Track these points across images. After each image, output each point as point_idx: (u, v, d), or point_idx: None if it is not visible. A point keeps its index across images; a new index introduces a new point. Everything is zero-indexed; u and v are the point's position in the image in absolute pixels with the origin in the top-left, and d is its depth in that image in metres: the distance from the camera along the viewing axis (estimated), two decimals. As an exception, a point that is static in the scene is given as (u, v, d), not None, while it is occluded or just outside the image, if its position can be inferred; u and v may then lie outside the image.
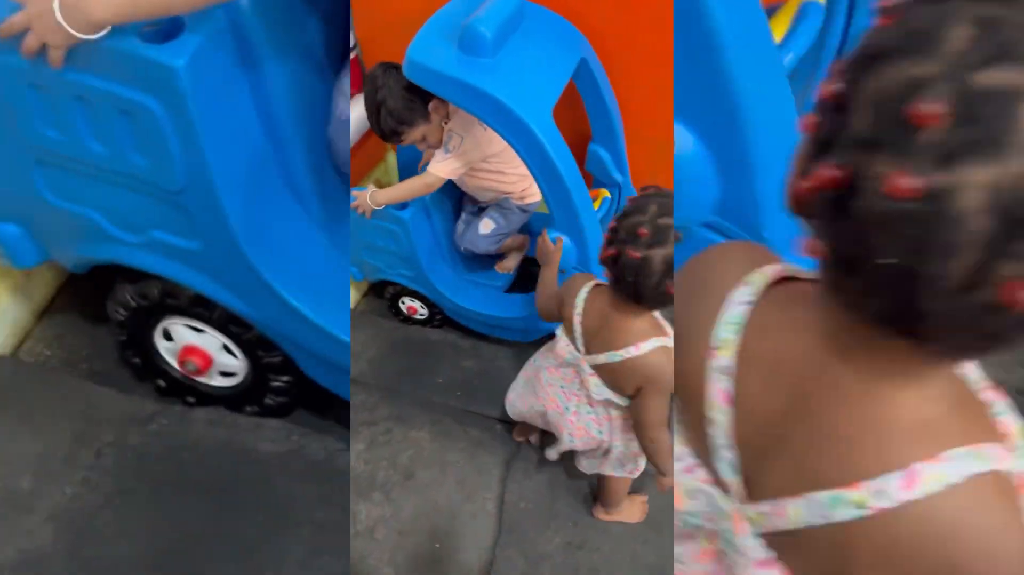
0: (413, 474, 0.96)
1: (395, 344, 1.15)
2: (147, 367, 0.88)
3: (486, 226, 1.06)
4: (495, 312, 1.06)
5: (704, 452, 0.36)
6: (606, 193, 1.02)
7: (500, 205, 1.06)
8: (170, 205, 0.69)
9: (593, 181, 1.02)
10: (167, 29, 0.60)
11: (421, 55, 0.77)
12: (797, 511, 0.31)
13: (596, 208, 0.94)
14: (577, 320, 0.69)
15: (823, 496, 0.30)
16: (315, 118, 0.79)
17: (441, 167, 0.94)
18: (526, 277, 1.15)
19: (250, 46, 0.66)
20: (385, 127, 0.91)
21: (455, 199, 1.10)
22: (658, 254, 0.58)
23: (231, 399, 0.87)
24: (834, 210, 0.25)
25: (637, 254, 0.58)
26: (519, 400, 0.86)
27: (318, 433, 0.82)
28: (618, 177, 1.02)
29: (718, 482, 0.36)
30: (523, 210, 1.07)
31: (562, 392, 0.77)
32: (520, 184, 1.03)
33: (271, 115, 0.70)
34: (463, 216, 1.10)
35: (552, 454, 0.85)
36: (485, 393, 1.07)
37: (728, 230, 0.79)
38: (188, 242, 0.72)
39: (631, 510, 0.90)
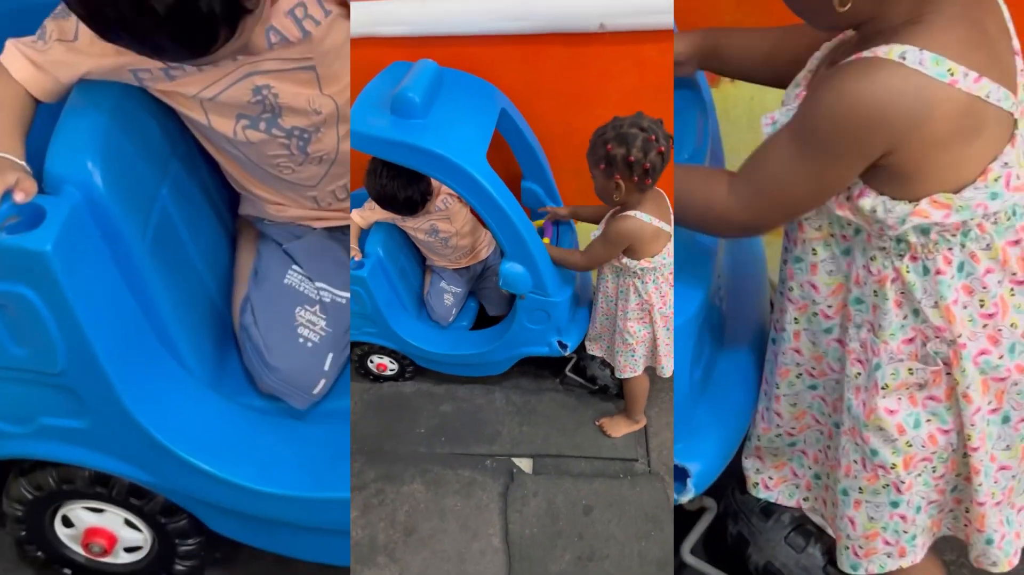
0: (414, 529, 0.96)
1: (369, 404, 1.15)
2: (50, 559, 0.88)
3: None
4: (464, 351, 1.10)
5: None
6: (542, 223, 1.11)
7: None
8: (54, 388, 0.70)
9: (531, 214, 1.11)
10: (28, 219, 0.63)
11: (360, 125, 0.84)
12: None
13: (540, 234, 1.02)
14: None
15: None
16: (186, 277, 0.83)
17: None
18: (487, 315, 1.21)
19: (108, 218, 0.70)
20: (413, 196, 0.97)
21: (406, 252, 1.15)
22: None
23: (140, 574, 0.88)
24: None
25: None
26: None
27: None
28: (552, 206, 1.11)
29: None
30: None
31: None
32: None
33: (138, 282, 0.74)
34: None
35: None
36: (468, 433, 1.09)
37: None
38: (78, 421, 0.73)
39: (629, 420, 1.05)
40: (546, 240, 1.05)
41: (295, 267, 0.90)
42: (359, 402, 1.16)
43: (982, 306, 0.62)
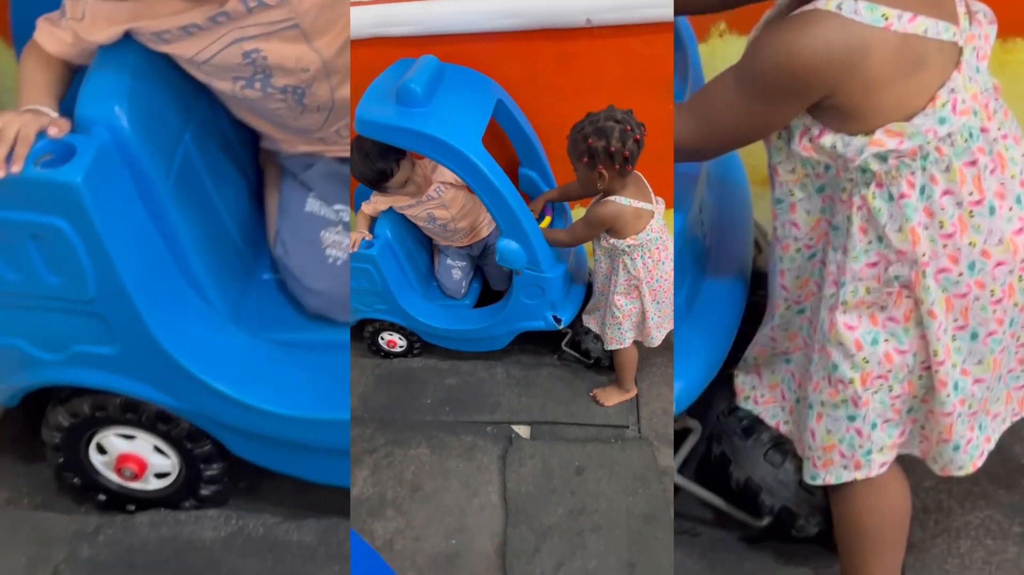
0: (420, 486, 1.04)
1: (380, 378, 1.24)
2: (86, 486, 0.94)
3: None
4: (468, 326, 1.18)
5: None
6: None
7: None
8: (86, 316, 0.76)
9: (529, 198, 1.19)
10: (60, 156, 0.70)
11: (368, 114, 0.94)
12: None
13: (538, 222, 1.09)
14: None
15: None
16: (207, 217, 0.88)
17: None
18: (489, 293, 1.29)
19: (134, 158, 0.76)
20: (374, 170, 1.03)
21: (413, 236, 1.24)
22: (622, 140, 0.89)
23: (169, 499, 0.94)
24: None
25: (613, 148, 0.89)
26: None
27: (255, 512, 0.92)
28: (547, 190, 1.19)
29: None
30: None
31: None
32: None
33: (162, 219, 0.80)
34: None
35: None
36: (471, 403, 1.17)
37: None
38: (109, 348, 0.79)
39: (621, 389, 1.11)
40: (545, 221, 1.12)
41: (312, 194, 0.98)
42: (371, 376, 1.24)
43: (941, 227, 0.67)
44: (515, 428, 1.13)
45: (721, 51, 1.18)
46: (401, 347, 1.25)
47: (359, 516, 0.98)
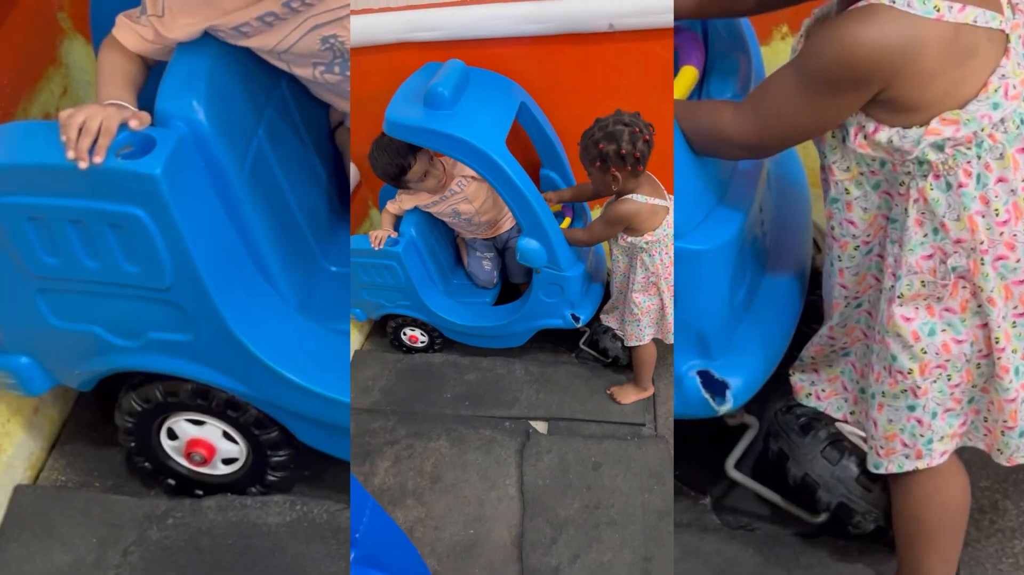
0: (439, 477, 1.07)
1: (402, 372, 1.27)
2: (156, 470, 0.97)
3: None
4: (488, 323, 1.21)
5: None
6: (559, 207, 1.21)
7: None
8: (161, 303, 0.78)
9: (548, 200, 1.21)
10: (140, 148, 0.72)
11: (397, 115, 0.98)
12: None
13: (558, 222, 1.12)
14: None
15: None
16: (279, 210, 0.91)
17: None
18: (508, 291, 1.32)
19: (210, 151, 0.78)
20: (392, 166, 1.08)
21: (436, 235, 1.27)
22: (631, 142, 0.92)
23: (236, 484, 0.96)
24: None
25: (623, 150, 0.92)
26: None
27: (319, 499, 0.94)
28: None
29: None
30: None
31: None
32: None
33: (236, 210, 0.82)
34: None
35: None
36: (490, 399, 1.19)
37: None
38: (183, 335, 0.81)
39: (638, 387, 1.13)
40: (566, 222, 1.15)
41: None
42: (393, 370, 1.28)
43: (997, 215, 0.68)
44: (533, 423, 1.15)
45: (784, 53, 1.15)
46: (423, 343, 1.29)
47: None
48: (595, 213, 1.21)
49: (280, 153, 0.93)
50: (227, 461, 0.94)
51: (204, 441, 0.91)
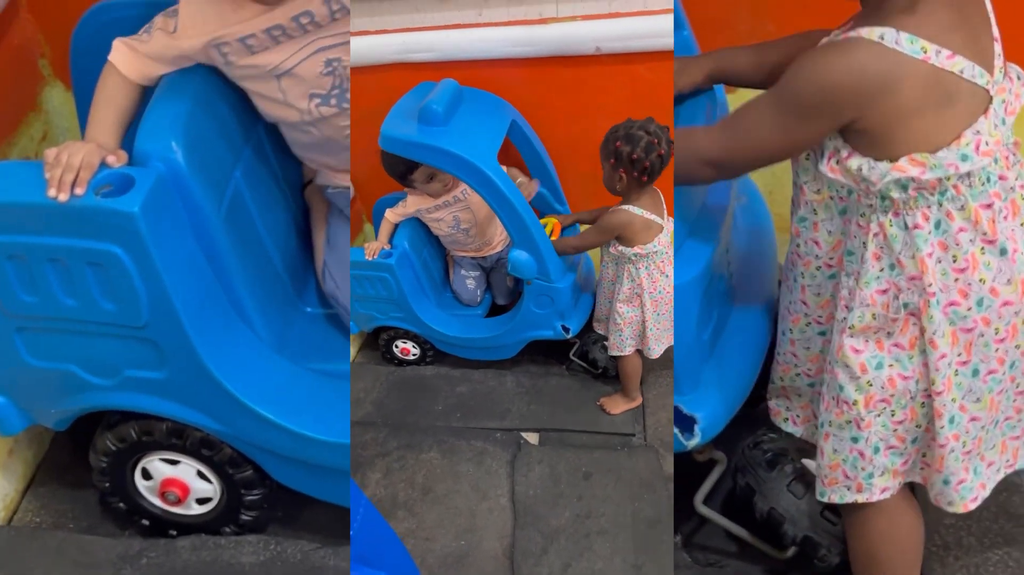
0: (430, 489, 1.07)
1: (394, 385, 1.28)
2: (130, 510, 0.96)
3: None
4: (479, 334, 1.23)
5: None
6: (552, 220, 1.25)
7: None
8: (138, 341, 0.78)
9: (539, 214, 1.25)
10: (119, 187, 0.73)
11: (392, 130, 1.01)
12: None
13: (548, 232, 1.15)
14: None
15: None
16: (255, 250, 0.92)
17: None
18: (499, 307, 1.33)
19: (187, 191, 0.79)
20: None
21: (429, 248, 1.30)
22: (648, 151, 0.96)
23: (210, 524, 0.96)
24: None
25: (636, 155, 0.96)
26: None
27: (293, 538, 0.94)
28: (558, 207, 1.26)
29: None
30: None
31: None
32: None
33: (213, 250, 0.83)
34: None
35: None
36: (481, 410, 1.20)
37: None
38: (158, 373, 0.81)
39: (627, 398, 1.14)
40: (550, 225, 1.17)
41: None
42: (385, 382, 1.29)
43: (954, 261, 0.69)
44: (524, 435, 1.16)
45: (747, 99, 1.21)
46: (414, 355, 1.30)
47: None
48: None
49: (257, 194, 0.95)
50: (201, 501, 0.94)
51: (178, 480, 0.91)
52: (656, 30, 1.04)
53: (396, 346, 1.29)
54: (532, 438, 1.15)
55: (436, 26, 1.13)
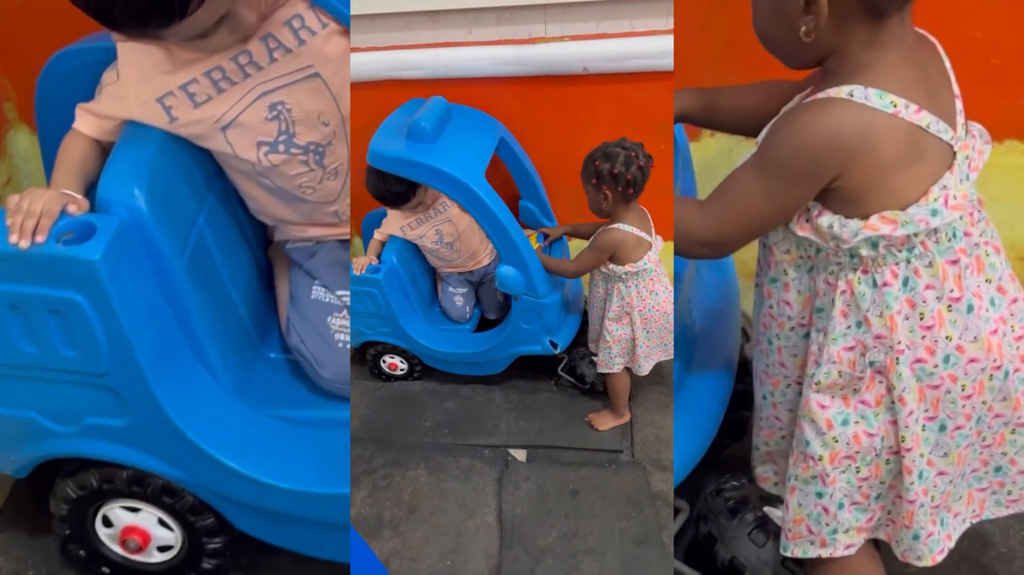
0: (417, 507, 1.06)
1: (381, 400, 1.27)
2: (91, 558, 0.94)
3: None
4: (468, 350, 1.22)
5: None
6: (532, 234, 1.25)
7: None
8: (98, 389, 0.77)
9: (527, 229, 1.26)
10: (81, 234, 0.73)
11: (380, 147, 1.02)
12: None
13: (535, 246, 1.16)
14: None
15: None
16: (218, 297, 0.92)
17: None
18: (488, 321, 1.33)
19: (150, 238, 0.79)
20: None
21: (417, 263, 1.30)
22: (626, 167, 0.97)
23: (171, 572, 0.95)
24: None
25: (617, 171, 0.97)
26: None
27: None
28: (546, 222, 1.26)
29: None
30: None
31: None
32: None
33: (175, 297, 0.83)
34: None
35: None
36: (469, 427, 1.20)
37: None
38: (119, 420, 0.80)
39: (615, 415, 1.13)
40: (538, 246, 1.18)
41: (317, 283, 1.02)
42: (372, 398, 1.28)
43: (921, 319, 0.69)
44: (511, 451, 1.15)
45: (713, 149, 1.21)
46: (402, 370, 1.29)
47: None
48: (574, 244, 1.25)
49: (221, 240, 0.95)
50: (162, 548, 0.93)
51: (139, 528, 0.90)
52: (642, 51, 1.06)
53: (384, 361, 1.28)
54: (520, 455, 1.15)
55: (426, 44, 1.14)
